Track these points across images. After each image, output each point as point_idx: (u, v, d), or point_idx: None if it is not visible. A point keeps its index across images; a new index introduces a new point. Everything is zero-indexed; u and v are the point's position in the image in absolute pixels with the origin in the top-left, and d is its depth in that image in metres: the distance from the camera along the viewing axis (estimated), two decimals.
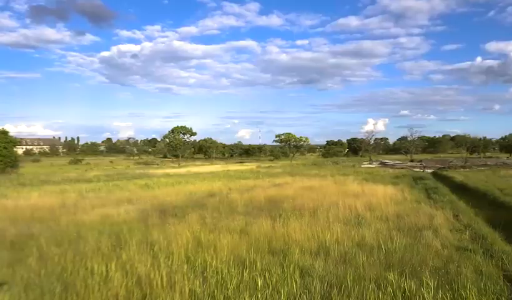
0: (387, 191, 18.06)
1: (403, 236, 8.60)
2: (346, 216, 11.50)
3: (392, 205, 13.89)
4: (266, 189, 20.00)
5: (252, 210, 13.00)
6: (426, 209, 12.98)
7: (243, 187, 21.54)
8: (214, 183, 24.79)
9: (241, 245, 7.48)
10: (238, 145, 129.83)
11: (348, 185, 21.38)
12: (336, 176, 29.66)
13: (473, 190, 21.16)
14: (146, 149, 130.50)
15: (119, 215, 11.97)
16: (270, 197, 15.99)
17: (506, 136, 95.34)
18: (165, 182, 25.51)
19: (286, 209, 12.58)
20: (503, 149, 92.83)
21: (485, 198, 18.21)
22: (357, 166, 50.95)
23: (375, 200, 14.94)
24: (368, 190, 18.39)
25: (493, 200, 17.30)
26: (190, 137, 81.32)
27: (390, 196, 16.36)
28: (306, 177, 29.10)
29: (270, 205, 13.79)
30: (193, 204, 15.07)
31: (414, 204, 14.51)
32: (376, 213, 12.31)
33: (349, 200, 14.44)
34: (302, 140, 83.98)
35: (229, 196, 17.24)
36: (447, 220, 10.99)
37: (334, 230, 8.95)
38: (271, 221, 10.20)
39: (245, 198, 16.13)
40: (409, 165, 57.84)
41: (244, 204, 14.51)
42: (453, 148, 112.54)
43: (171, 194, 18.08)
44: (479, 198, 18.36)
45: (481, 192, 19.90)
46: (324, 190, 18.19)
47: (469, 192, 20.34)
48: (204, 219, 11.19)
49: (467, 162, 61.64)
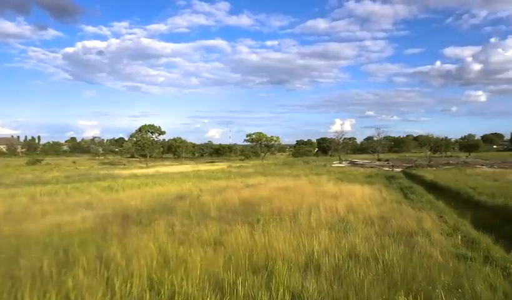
0: (365, 191, 17.42)
1: (396, 243, 7.73)
2: (329, 220, 10.56)
3: (373, 206, 13.15)
4: (240, 190, 18.82)
5: (226, 215, 11.79)
6: (409, 211, 12.32)
7: (214, 188, 20.24)
8: (184, 184, 23.30)
9: (217, 261, 6.27)
10: (208, 145, 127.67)
11: (323, 185, 20.62)
12: (309, 176, 28.97)
13: (446, 189, 21.05)
14: (113, 149, 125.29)
15: (74, 223, 10.37)
16: (245, 199, 14.83)
17: (465, 136, 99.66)
18: (131, 184, 23.69)
19: (264, 212, 11.47)
20: (463, 149, 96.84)
21: (459, 197, 18.02)
22: (328, 165, 50.86)
23: (355, 201, 14.17)
24: (345, 190, 17.68)
25: (468, 200, 17.09)
26: (158, 136, 78.42)
27: (369, 196, 15.69)
28: (279, 177, 28.18)
29: (245, 209, 12.63)
30: (160, 208, 13.63)
31: (395, 205, 13.87)
32: (359, 216, 11.48)
33: (329, 202, 13.58)
34: (273, 140, 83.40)
35: (200, 198, 15.92)
36: (434, 223, 10.32)
37: (321, 238, 7.93)
38: (249, 228, 9.05)
39: (217, 200, 14.88)
40: (378, 164, 58.66)
41: (217, 208, 13.26)
42: (416, 147, 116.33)
43: (136, 197, 16.47)
44: (453, 197, 18.14)
45: (454, 191, 19.77)
46: (301, 191, 17.27)
47: (442, 191, 20.18)
48: (173, 226, 9.85)
49: (431, 161, 63.55)
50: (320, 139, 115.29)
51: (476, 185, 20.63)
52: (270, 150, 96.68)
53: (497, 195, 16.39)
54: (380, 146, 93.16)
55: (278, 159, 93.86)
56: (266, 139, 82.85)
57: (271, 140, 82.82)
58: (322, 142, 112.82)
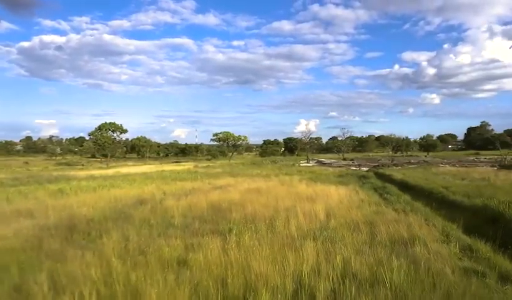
0: (340, 192, 16.43)
1: (394, 256, 6.55)
2: (311, 227, 9.28)
3: (353, 209, 12.07)
4: (208, 192, 17.21)
5: (193, 223, 10.21)
6: (392, 214, 11.36)
7: (180, 191, 18.49)
8: (146, 186, 21.28)
9: (180, 295, 4.73)
10: (173, 145, 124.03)
11: (296, 186, 19.48)
12: (280, 176, 27.84)
13: (418, 188, 20.61)
14: (72, 149, 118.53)
15: (3, 238, 8.37)
16: (214, 204, 13.28)
17: (424, 136, 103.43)
18: (86, 187, 21.31)
19: (237, 219, 10.00)
20: (421, 148, 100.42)
21: (433, 197, 17.48)
22: (297, 165, 50.21)
23: (333, 204, 13.07)
24: (320, 191, 16.61)
25: (443, 199, 16.56)
26: (120, 135, 74.38)
27: (346, 198, 14.70)
28: (249, 178, 26.80)
29: (215, 215, 11.09)
30: (116, 215, 11.77)
31: (375, 207, 12.90)
32: (341, 220, 10.32)
33: (306, 205, 12.36)
34: (241, 139, 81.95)
35: (163, 203, 14.17)
36: (423, 228, 9.31)
37: (308, 252, 6.60)
38: (220, 241, 7.56)
39: (183, 205, 13.21)
40: (345, 163, 58.94)
41: (182, 214, 11.62)
42: (378, 147, 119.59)
43: (89, 203, 14.41)
44: (428, 197, 17.58)
45: (426, 190, 19.31)
46: (274, 193, 15.97)
47: (415, 191, 19.68)
48: (127, 240, 8.15)
49: (394, 161, 64.94)
50: (287, 139, 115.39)
51: (447, 184, 20.35)
52: (237, 150, 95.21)
53: (472, 195, 15.96)
54: (345, 146, 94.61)
55: (246, 158, 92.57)
56: (233, 138, 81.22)
57: (239, 139, 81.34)
58: (289, 142, 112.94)
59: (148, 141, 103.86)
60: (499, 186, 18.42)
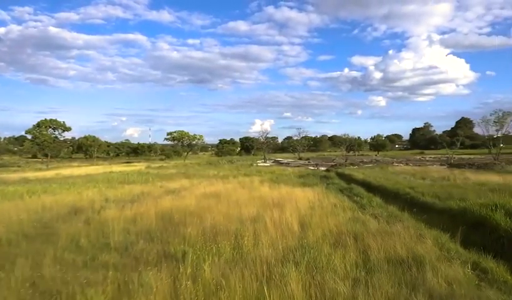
0: (307, 195, 14.86)
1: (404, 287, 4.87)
2: (287, 244, 7.43)
3: (328, 217, 10.43)
4: (159, 198, 14.77)
5: (136, 242, 7.90)
6: (373, 223, 9.88)
7: (126, 197, 15.87)
8: (86, 191, 18.26)
9: None
10: (125, 144, 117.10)
11: (258, 188, 17.65)
12: (239, 177, 25.88)
13: (383, 189, 19.71)
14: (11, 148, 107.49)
15: None
16: (165, 213, 10.99)
17: (374, 136, 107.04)
18: (12, 193, 17.80)
19: (193, 237, 7.86)
20: (372, 148, 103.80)
21: (402, 198, 16.53)
22: (254, 165, 48.56)
23: (304, 210, 11.40)
24: (286, 195, 14.90)
25: (413, 201, 15.59)
26: (62, 133, 67.86)
27: (316, 203, 13.11)
28: (205, 179, 24.54)
29: (165, 230, 8.85)
30: (36, 232, 9.14)
31: (350, 213, 11.41)
32: (319, 232, 8.62)
33: (274, 213, 10.52)
34: (196, 138, 78.70)
35: (103, 213, 11.60)
36: (416, 242, 7.83)
37: (294, 290, 4.71)
38: (170, 275, 5.43)
39: (126, 216, 10.80)
40: (302, 163, 58.42)
41: (124, 229, 9.24)
42: (331, 147, 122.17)
43: (7, 214, 11.48)
44: (396, 198, 16.60)
45: (392, 191, 18.41)
46: (235, 198, 13.99)
47: (382, 192, 18.68)
48: (40, 271, 5.76)
49: (348, 160, 65.81)
50: (243, 138, 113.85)
51: (411, 184, 19.65)
52: (192, 149, 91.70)
53: (442, 197, 15.17)
54: (300, 145, 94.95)
55: (201, 158, 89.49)
56: (188, 137, 77.80)
57: (194, 138, 78.05)
58: (245, 141, 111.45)
59: (97, 140, 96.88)
60: (462, 186, 17.95)
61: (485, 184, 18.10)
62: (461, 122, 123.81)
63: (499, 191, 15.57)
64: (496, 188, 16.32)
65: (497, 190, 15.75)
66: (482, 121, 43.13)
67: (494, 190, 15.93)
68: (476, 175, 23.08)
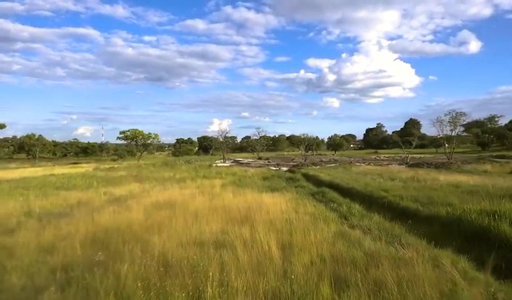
0: (279, 203, 12.69)
1: None
2: (270, 287, 5.12)
3: (310, 233, 8.30)
4: (98, 210, 11.80)
5: (43, 290, 5.19)
6: (368, 242, 7.89)
7: (56, 208, 12.71)
8: (8, 201, 14.70)
9: None
10: (74, 143, 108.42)
11: (220, 195, 15.21)
12: (197, 180, 23.19)
13: (355, 191, 18.10)
14: None
15: None
16: (100, 234, 8.23)
17: (331, 136, 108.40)
18: None
19: (130, 279, 5.28)
20: (330, 147, 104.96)
21: (378, 203, 14.97)
22: (213, 165, 45.82)
23: (279, 225, 9.21)
24: (253, 202, 12.61)
25: (391, 207, 14.07)
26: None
27: (291, 213, 10.96)
28: (159, 183, 21.60)
29: (93, 264, 6.16)
30: None
31: (334, 226, 9.38)
32: (305, 258, 6.46)
33: (243, 231, 8.23)
34: (151, 137, 73.92)
35: (15, 235, 8.57)
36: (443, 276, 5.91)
37: None
38: None
39: (45, 240, 7.91)
40: (262, 163, 56.61)
41: (35, 261, 6.43)
42: (289, 146, 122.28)
43: None
44: (371, 202, 14.99)
45: (365, 194, 16.84)
46: (194, 209, 11.47)
47: (354, 195, 17.04)
48: None
49: (307, 159, 65.30)
50: (201, 138, 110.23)
51: (384, 186, 18.26)
52: (147, 149, 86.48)
53: (422, 201, 13.75)
54: (259, 145, 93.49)
55: (157, 158, 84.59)
56: (143, 136, 72.89)
57: (149, 137, 73.27)
58: (203, 141, 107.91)
59: (41, 139, 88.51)
60: (438, 188, 16.78)
61: (459, 186, 17.11)
62: (409, 123, 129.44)
63: (477, 194, 14.52)
64: (473, 190, 15.30)
65: (476, 193, 14.71)
66: (437, 121, 43.90)
67: (472, 192, 14.88)
68: (444, 176, 22.38)
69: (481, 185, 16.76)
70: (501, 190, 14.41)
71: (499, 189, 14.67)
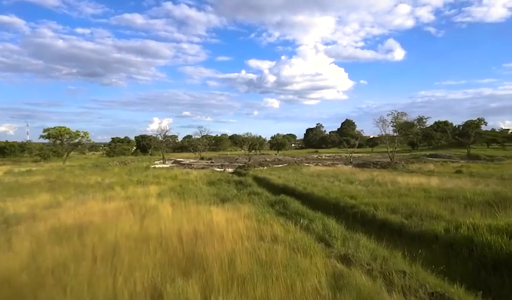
0: (235, 221, 9.46)
1: None
2: None
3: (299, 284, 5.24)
4: None
5: None
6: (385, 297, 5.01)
7: None
8: None
9: None
10: None
11: (156, 210, 11.44)
12: (129, 187, 18.88)
13: (315, 198, 15.60)
14: None
15: None
16: None
17: (274, 136, 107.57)
18: None
19: None
20: (272, 147, 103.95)
21: (349, 213, 12.52)
22: (151, 167, 40.92)
23: (246, 268, 5.95)
24: (201, 224, 9.20)
25: (365, 218, 11.68)
26: None
27: (257, 242, 7.76)
28: (80, 192, 17.03)
29: None
30: None
31: (320, 263, 6.41)
32: None
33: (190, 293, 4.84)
34: (80, 136, 65.37)
35: None
36: None
37: None
38: None
39: None
40: (205, 163, 52.77)
41: None
42: (232, 146, 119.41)
43: None
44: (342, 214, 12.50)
45: (329, 202, 14.36)
46: (113, 240, 7.71)
47: (317, 204, 14.49)
48: None
49: (251, 159, 63.05)
50: (139, 137, 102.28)
51: (347, 191, 15.96)
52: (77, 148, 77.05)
53: (401, 211, 11.50)
54: (202, 144, 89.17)
55: (89, 159, 75.77)
56: (70, 134, 64.24)
57: (77, 136, 64.77)
58: (141, 140, 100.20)
59: None
60: (407, 193, 14.81)
61: (427, 190, 15.37)
62: (345, 123, 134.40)
63: (456, 200, 12.73)
64: (447, 195, 13.52)
65: (453, 199, 12.92)
66: (379, 121, 44.05)
67: (448, 199, 13.07)
68: (401, 177, 20.91)
69: (450, 189, 15.20)
70: (481, 195, 12.76)
71: (478, 194, 13.02)
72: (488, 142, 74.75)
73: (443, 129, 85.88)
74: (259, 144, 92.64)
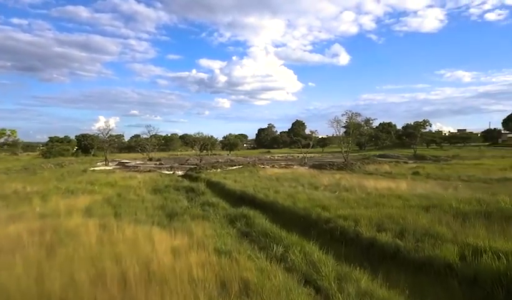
0: (185, 256, 6.64)
1: None
2: None
3: None
4: None
5: None
6: None
7: None
8: None
9: None
10: None
11: (74, 239, 8.17)
12: (52, 199, 14.91)
13: (281, 209, 13.23)
14: None
15: None
16: None
17: (226, 136, 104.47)
18: None
19: None
20: (224, 147, 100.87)
21: (324, 230, 10.30)
22: (90, 169, 35.95)
23: None
24: (136, 267, 6.22)
25: (349, 237, 9.50)
26: None
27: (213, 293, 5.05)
28: None
29: None
30: None
31: None
32: None
33: None
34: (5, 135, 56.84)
35: None
36: None
37: None
38: None
39: None
40: (153, 165, 48.40)
41: None
42: (182, 146, 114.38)
43: None
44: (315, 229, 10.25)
45: (299, 214, 12.10)
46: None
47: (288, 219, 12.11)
48: None
49: (203, 160, 59.94)
50: (80, 136, 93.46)
51: (318, 201, 13.71)
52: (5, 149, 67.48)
53: (388, 227, 9.49)
54: (150, 144, 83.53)
55: (20, 161, 66.66)
56: None
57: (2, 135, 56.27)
58: (83, 140, 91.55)
59: None
60: (383, 202, 12.92)
61: (402, 197, 13.68)
62: (296, 124, 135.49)
63: (441, 209, 11.06)
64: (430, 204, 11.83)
65: (438, 208, 11.26)
66: (334, 121, 43.30)
67: (431, 208, 11.40)
68: (366, 181, 19.30)
69: (426, 196, 13.63)
70: (467, 204, 11.19)
71: (462, 202, 11.44)
72: (428, 143, 78.83)
73: (387, 130, 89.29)
74: (211, 144, 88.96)
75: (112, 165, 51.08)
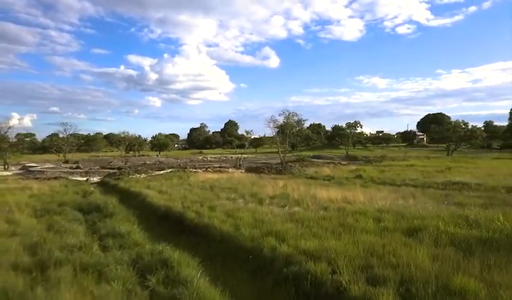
0: None
1: None
2: None
3: None
4: None
5: None
6: None
7: None
8: None
9: None
10: None
11: None
12: None
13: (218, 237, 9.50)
14: None
15: None
16: None
17: (155, 135, 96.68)
18: None
19: None
20: (154, 147, 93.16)
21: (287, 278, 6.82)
22: None
23: None
24: None
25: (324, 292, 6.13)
26: None
27: None
28: None
29: None
30: None
31: None
32: None
33: None
34: None
35: None
36: None
37: None
38: None
39: None
40: (66, 169, 40.64)
41: None
42: (107, 146, 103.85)
43: None
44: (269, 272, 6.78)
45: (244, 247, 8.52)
46: None
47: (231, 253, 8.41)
48: None
49: (128, 162, 53.73)
50: None
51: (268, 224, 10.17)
52: None
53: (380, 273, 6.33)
54: (67, 145, 72.78)
55: None
56: None
57: None
58: None
59: None
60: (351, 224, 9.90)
61: (366, 213, 10.83)
62: (228, 124, 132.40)
63: (428, 234, 8.37)
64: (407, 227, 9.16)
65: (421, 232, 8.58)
66: (270, 121, 40.78)
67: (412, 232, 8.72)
68: (316, 190, 16.31)
69: (396, 212, 10.94)
70: (456, 226, 8.62)
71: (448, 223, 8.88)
72: (354, 144, 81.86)
73: (317, 131, 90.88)
74: (138, 145, 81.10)
75: (14, 169, 42.09)
